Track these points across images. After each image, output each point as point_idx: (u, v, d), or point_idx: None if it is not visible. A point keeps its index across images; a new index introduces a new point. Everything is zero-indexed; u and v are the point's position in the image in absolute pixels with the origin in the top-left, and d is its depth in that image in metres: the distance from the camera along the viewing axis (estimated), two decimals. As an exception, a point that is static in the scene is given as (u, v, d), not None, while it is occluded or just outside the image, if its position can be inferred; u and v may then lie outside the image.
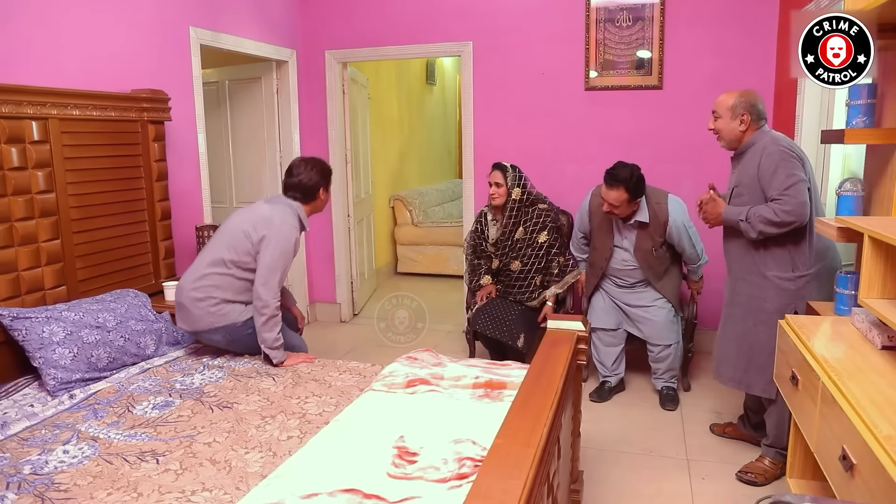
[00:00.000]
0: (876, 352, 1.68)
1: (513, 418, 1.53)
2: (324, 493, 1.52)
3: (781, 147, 2.36)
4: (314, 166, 2.68)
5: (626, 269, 3.29)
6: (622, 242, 3.26)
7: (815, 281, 2.40)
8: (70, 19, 2.72)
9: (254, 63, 4.33)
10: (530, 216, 3.43)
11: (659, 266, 3.25)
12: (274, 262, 2.52)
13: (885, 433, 1.24)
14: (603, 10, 3.92)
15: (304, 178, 2.64)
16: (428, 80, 7.63)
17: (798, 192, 2.29)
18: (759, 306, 2.47)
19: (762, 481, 2.54)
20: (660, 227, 3.17)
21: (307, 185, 2.65)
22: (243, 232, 2.54)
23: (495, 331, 3.36)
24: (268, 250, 2.52)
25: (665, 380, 3.34)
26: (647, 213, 3.15)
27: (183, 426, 2.02)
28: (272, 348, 2.54)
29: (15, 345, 2.34)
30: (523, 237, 3.44)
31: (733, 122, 2.46)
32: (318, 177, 2.67)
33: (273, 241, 2.52)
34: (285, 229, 2.55)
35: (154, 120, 2.99)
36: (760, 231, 2.35)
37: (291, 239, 2.57)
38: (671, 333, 3.25)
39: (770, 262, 2.43)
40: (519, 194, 3.41)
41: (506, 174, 3.41)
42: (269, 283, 2.52)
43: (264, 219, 2.55)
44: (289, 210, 2.61)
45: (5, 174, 2.36)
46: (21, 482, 1.68)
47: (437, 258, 6.25)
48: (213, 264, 2.55)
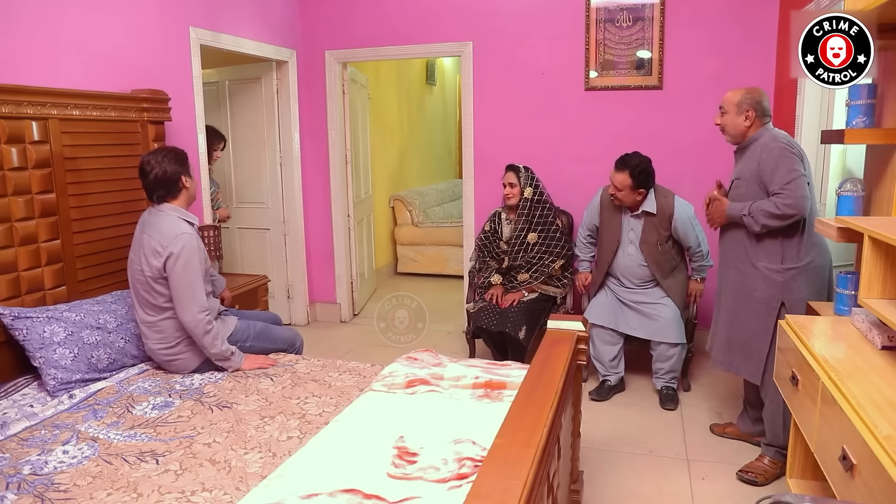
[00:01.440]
0: (876, 352, 1.68)
1: (513, 418, 1.53)
2: (324, 493, 1.52)
3: (782, 144, 2.44)
4: (164, 156, 2.44)
5: (632, 267, 3.31)
6: (629, 235, 3.30)
7: (802, 275, 2.47)
8: (70, 19, 2.72)
9: (254, 63, 4.33)
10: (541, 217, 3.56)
11: (665, 263, 3.28)
12: (186, 277, 2.37)
13: (885, 433, 1.24)
14: (603, 11, 3.92)
15: (159, 171, 2.41)
16: (428, 80, 7.63)
17: (798, 187, 2.37)
18: (748, 294, 2.56)
19: (762, 481, 2.55)
20: (665, 220, 3.23)
21: (168, 178, 2.43)
22: (148, 274, 2.38)
23: (497, 324, 3.39)
24: (175, 270, 2.36)
25: (665, 380, 3.34)
26: (655, 204, 3.22)
27: (182, 426, 2.02)
28: (224, 360, 2.46)
29: (15, 345, 2.34)
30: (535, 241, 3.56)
31: (738, 118, 2.54)
32: (174, 165, 2.44)
33: (172, 260, 2.36)
34: (180, 242, 2.37)
35: (154, 120, 2.99)
36: (763, 224, 2.43)
37: (190, 246, 2.39)
38: (678, 333, 3.26)
39: (761, 253, 2.51)
40: (531, 193, 3.56)
41: (518, 174, 3.56)
42: (195, 297, 2.38)
43: (153, 248, 2.37)
44: (166, 218, 2.42)
45: (5, 174, 2.36)
46: (21, 482, 1.68)
47: (437, 258, 6.25)
48: (156, 312, 2.44)
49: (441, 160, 8.32)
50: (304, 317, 4.76)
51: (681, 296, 3.33)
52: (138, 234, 2.47)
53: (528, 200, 3.55)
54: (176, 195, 2.48)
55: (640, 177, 3.14)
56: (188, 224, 2.46)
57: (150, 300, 2.43)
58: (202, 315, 2.40)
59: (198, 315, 2.39)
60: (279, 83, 4.42)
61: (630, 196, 3.20)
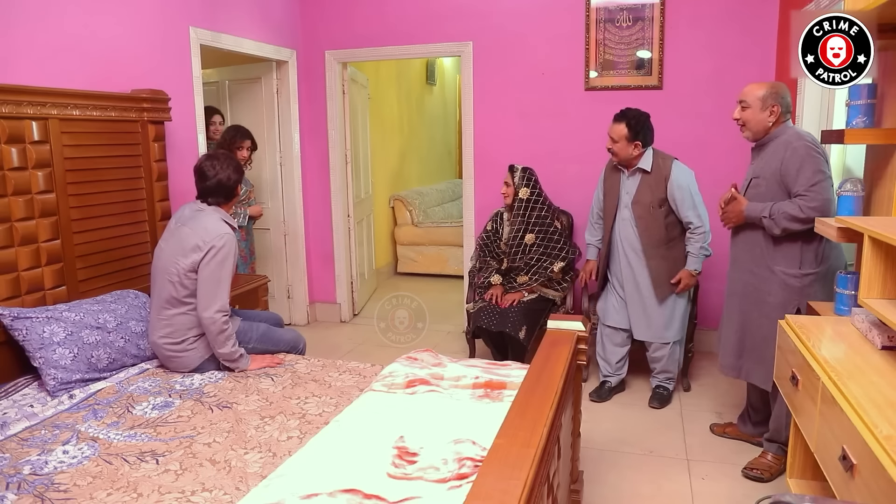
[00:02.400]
0: (876, 352, 1.68)
1: (513, 418, 1.53)
2: (324, 493, 1.52)
3: (807, 143, 2.35)
4: (229, 163, 2.54)
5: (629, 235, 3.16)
6: (624, 197, 3.17)
7: (820, 280, 2.41)
8: (70, 19, 2.72)
9: (254, 63, 4.33)
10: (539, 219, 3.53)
11: (655, 231, 3.10)
12: (218, 274, 2.42)
13: (885, 433, 1.24)
14: (603, 11, 3.92)
15: (223, 176, 2.50)
16: (428, 80, 7.63)
17: (824, 189, 2.29)
18: (762, 299, 2.49)
19: (767, 477, 2.55)
20: (661, 182, 3.08)
21: (228, 185, 2.53)
22: (182, 267, 2.42)
23: (497, 324, 3.38)
24: (209, 265, 2.41)
25: (660, 379, 3.32)
26: (651, 163, 3.10)
27: (182, 426, 2.02)
28: (232, 361, 2.48)
29: (15, 345, 2.34)
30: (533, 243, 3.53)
31: (763, 114, 2.45)
32: (236, 173, 2.55)
33: (211, 253, 2.41)
34: (223, 240, 2.43)
35: (154, 120, 2.99)
36: (784, 228, 2.36)
37: (230, 247, 2.46)
38: (667, 331, 3.20)
39: (779, 257, 2.44)
40: (526, 194, 3.52)
41: (514, 175, 3.54)
42: (219, 296, 2.43)
43: (195, 243, 2.42)
44: (211, 216, 2.49)
45: (5, 174, 2.36)
46: (21, 482, 1.68)
47: (437, 258, 6.25)
48: (172, 306, 2.46)
49: (441, 160, 8.32)
50: (304, 317, 4.76)
51: (664, 276, 3.13)
52: (174, 227, 2.52)
53: (524, 201, 3.52)
54: (230, 201, 2.59)
55: (636, 127, 3.03)
56: (230, 227, 2.52)
57: (174, 293, 2.45)
58: (220, 315, 2.44)
59: (216, 315, 2.43)
60: (279, 83, 4.42)
61: (626, 149, 3.06)
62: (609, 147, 3.12)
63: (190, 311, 2.47)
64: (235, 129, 3.88)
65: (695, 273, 3.17)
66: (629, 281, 3.24)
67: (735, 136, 2.72)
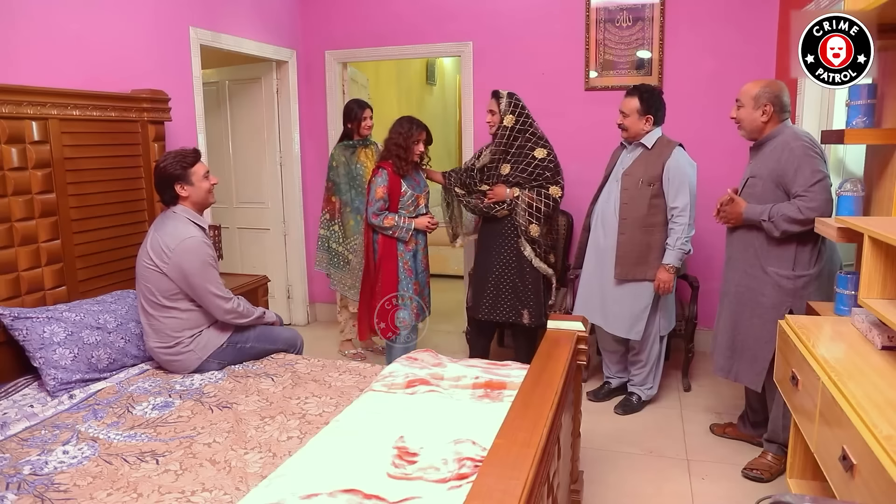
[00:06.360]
0: (876, 352, 1.68)
1: (513, 418, 1.53)
2: (324, 493, 1.52)
3: (804, 143, 2.35)
4: (164, 158, 2.49)
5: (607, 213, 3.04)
6: (617, 169, 3.06)
7: (815, 282, 2.41)
8: (70, 19, 2.72)
9: (254, 63, 4.33)
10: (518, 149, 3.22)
11: (637, 205, 2.93)
12: (202, 279, 2.43)
13: (885, 433, 1.24)
14: (603, 11, 3.92)
15: (155, 174, 2.49)
16: (428, 80, 7.62)
17: (823, 190, 2.29)
18: (755, 300, 2.49)
19: (768, 477, 2.55)
20: (659, 161, 2.93)
21: (159, 181, 2.48)
22: (153, 269, 2.42)
23: (498, 314, 3.31)
24: (187, 278, 2.41)
25: (633, 383, 3.22)
26: (654, 140, 2.98)
27: (183, 427, 2.02)
28: (265, 322, 2.69)
29: (15, 345, 2.33)
30: (507, 173, 3.22)
31: (755, 113, 2.45)
32: (169, 169, 2.45)
33: (180, 264, 2.40)
34: (185, 244, 2.40)
35: (154, 120, 2.98)
36: (784, 230, 2.35)
37: (197, 250, 2.42)
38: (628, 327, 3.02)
39: (772, 258, 2.43)
40: (511, 122, 3.20)
41: (499, 101, 3.22)
42: (217, 297, 2.47)
43: (160, 248, 2.41)
44: (176, 222, 2.46)
45: (5, 174, 2.36)
46: (21, 482, 1.68)
47: (437, 258, 6.23)
48: (155, 310, 2.45)
49: (441, 160, 8.29)
50: (304, 317, 4.76)
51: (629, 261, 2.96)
52: (150, 231, 2.52)
53: (508, 129, 3.19)
54: (177, 200, 2.50)
55: (648, 101, 2.92)
56: (196, 227, 2.49)
57: (153, 298, 2.45)
58: (229, 311, 2.53)
59: (227, 315, 2.53)
60: (279, 83, 4.42)
61: (637, 123, 2.95)
62: (619, 122, 3.00)
63: (174, 314, 2.46)
64: (410, 121, 3.42)
65: (669, 269, 2.93)
66: (590, 259, 3.12)
67: (735, 136, 2.72)
